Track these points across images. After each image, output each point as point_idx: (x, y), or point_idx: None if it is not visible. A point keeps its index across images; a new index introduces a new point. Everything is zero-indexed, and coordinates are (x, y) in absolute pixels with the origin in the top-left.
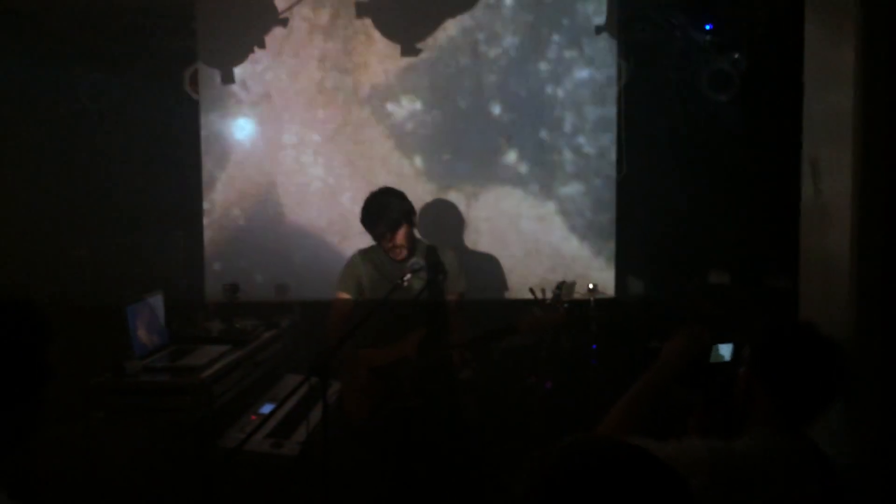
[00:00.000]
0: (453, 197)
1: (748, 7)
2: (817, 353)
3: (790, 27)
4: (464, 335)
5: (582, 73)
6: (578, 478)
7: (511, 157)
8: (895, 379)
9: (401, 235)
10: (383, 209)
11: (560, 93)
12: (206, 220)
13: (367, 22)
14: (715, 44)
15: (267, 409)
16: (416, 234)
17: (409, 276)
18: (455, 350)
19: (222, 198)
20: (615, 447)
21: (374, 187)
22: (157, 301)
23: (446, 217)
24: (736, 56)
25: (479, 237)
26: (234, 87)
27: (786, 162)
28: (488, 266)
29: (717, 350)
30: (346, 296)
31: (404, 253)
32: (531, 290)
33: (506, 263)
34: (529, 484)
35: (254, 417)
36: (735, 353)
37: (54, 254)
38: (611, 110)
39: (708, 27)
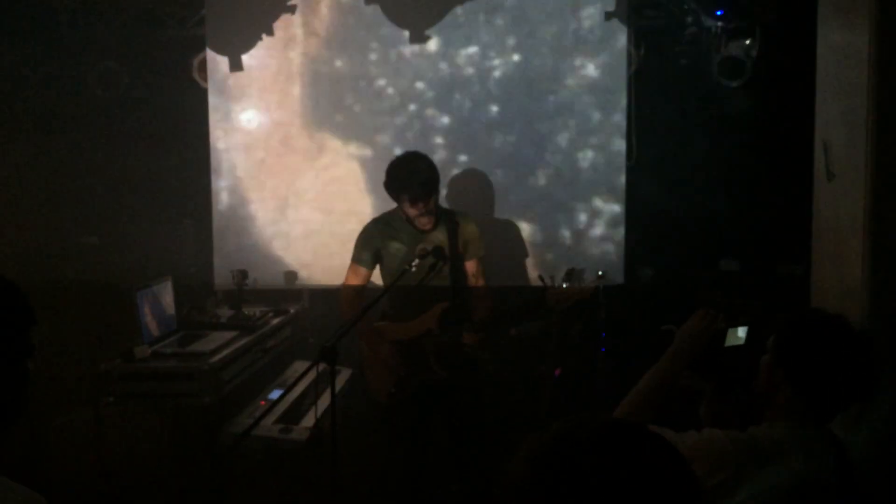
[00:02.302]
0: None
1: None
2: (848, 346)
3: (802, 12)
4: (488, 305)
5: (592, 60)
6: (575, 453)
7: (519, 144)
8: None
9: (431, 203)
10: (414, 173)
11: (569, 80)
12: (215, 207)
13: (376, 8)
14: (726, 30)
15: (276, 394)
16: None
17: (416, 261)
18: (477, 329)
19: (231, 185)
20: (613, 423)
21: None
22: (166, 287)
23: (476, 188)
24: (748, 42)
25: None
26: (243, 75)
27: (798, 147)
28: (509, 232)
29: (731, 334)
30: (361, 268)
31: (431, 223)
32: (540, 277)
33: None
34: (526, 464)
35: (263, 403)
36: (751, 336)
37: (64, 241)
38: (621, 97)
39: (719, 13)
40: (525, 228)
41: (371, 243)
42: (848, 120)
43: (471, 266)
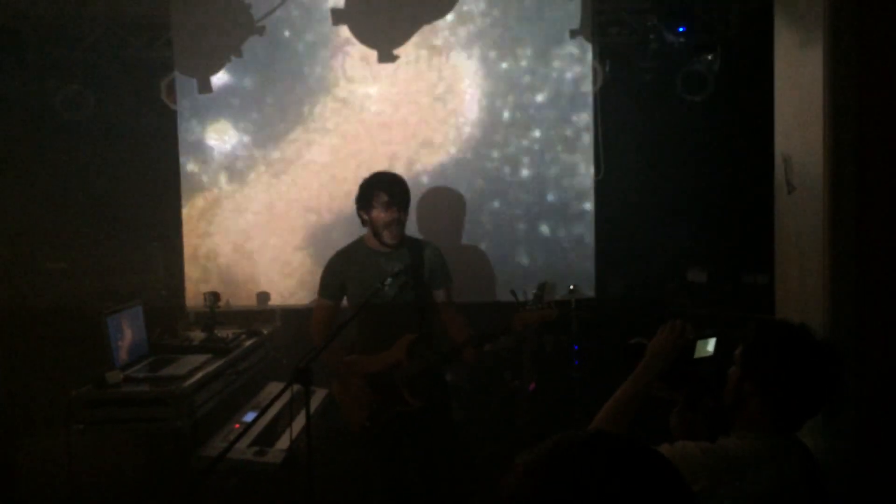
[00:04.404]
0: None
1: (720, 9)
2: (813, 356)
3: (761, 28)
4: (462, 329)
5: (558, 77)
6: (575, 469)
7: (488, 159)
8: (870, 371)
9: (403, 215)
10: (391, 178)
11: (537, 96)
12: (185, 230)
13: (344, 29)
14: (688, 46)
15: (250, 417)
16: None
17: (389, 280)
18: (447, 355)
19: (201, 207)
20: (609, 437)
21: (353, 193)
22: (136, 311)
23: (448, 210)
24: (709, 57)
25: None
26: (212, 96)
27: (760, 159)
28: (475, 259)
29: (700, 345)
30: (328, 301)
31: (398, 237)
32: (512, 292)
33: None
34: (523, 480)
35: (237, 426)
36: (719, 347)
37: (33, 266)
38: (587, 113)
39: (681, 29)
40: (496, 243)
41: (336, 276)
42: (805, 133)
43: (439, 295)
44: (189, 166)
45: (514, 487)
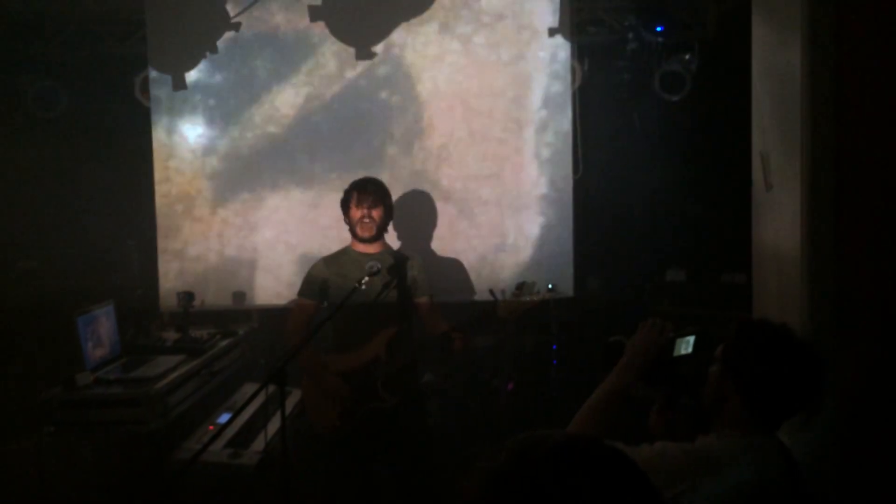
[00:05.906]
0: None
1: (698, 9)
2: (794, 356)
3: (739, 28)
4: (442, 321)
5: (536, 76)
6: (532, 471)
7: (469, 158)
8: (847, 370)
9: (378, 211)
10: (358, 184)
11: (516, 94)
12: (158, 228)
13: (321, 25)
14: (666, 45)
15: (224, 418)
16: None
17: (366, 279)
18: (433, 342)
19: (175, 205)
20: (570, 438)
21: (332, 191)
22: (108, 311)
23: (420, 211)
24: (687, 57)
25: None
26: (186, 93)
27: (738, 158)
28: (454, 270)
29: (680, 344)
30: (307, 301)
31: (373, 230)
32: (491, 291)
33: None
34: (482, 483)
35: (211, 427)
36: (698, 345)
37: (3, 265)
38: (566, 112)
39: (659, 29)
40: (473, 242)
41: (318, 277)
42: (783, 132)
43: (424, 302)
44: (163, 164)
45: (474, 493)
